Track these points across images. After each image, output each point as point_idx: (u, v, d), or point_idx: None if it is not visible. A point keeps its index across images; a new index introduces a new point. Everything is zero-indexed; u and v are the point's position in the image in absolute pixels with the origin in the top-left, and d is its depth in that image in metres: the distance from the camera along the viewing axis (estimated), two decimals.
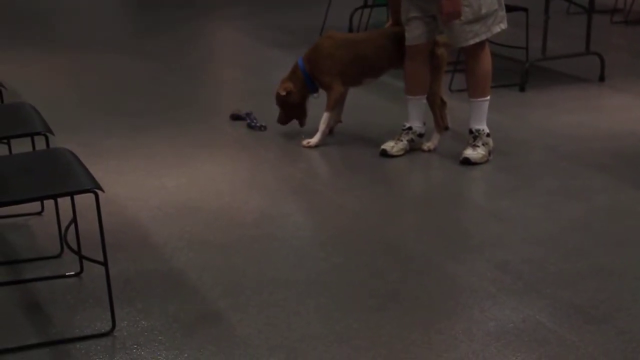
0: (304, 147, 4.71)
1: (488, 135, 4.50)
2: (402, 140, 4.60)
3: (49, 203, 3.56)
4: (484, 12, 4.30)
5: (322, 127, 4.71)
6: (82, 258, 3.24)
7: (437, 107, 4.65)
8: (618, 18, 7.98)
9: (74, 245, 3.22)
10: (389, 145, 4.58)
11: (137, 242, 3.60)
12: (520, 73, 5.81)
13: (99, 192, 2.75)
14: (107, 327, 2.91)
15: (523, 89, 5.77)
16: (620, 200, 4.02)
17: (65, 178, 2.88)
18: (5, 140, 3.65)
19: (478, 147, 4.46)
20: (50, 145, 3.31)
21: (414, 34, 4.46)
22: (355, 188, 4.20)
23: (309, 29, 7.22)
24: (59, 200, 3.33)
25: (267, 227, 3.75)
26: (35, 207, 3.79)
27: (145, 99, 5.66)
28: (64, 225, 3.31)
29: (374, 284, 3.23)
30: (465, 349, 2.79)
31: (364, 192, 4.16)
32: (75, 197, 2.98)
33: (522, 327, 2.92)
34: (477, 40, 4.36)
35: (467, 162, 4.43)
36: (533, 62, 5.92)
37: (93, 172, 2.91)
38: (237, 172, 4.43)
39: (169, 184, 4.22)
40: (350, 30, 7.28)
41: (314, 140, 4.71)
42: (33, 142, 3.51)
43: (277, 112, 4.86)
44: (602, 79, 5.99)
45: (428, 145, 4.64)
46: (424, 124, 4.63)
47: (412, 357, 2.75)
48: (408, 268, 3.37)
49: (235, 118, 5.17)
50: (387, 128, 4.85)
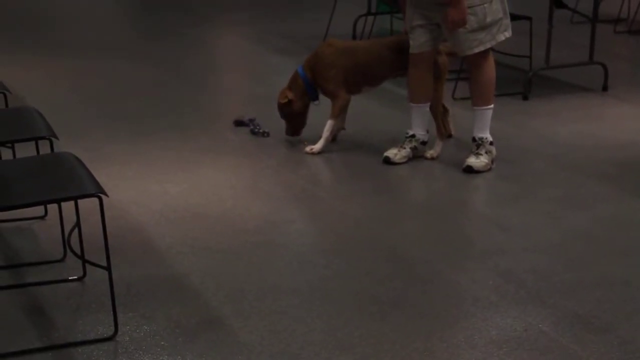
0: (307, 153, 4.71)
1: (491, 144, 4.50)
2: (405, 148, 4.60)
3: (53, 207, 3.57)
4: (489, 20, 4.31)
5: (325, 134, 4.71)
6: (85, 262, 3.25)
7: (439, 114, 4.65)
8: (621, 28, 7.99)
9: (77, 250, 3.22)
10: (392, 153, 4.58)
11: (139, 247, 3.60)
12: (524, 82, 5.81)
13: (103, 196, 2.75)
14: (109, 331, 2.91)
15: (526, 98, 5.78)
16: (623, 210, 4.03)
17: (69, 182, 2.88)
18: (10, 144, 3.66)
19: (481, 155, 4.46)
20: (55, 150, 3.31)
21: (418, 42, 4.46)
22: (358, 195, 4.20)
23: (313, 36, 7.23)
24: (63, 204, 3.34)
25: (269, 233, 3.76)
26: (39, 210, 3.79)
27: (149, 104, 5.66)
28: (67, 230, 3.32)
29: (377, 292, 3.23)
30: (468, 358, 2.79)
31: (367, 199, 4.16)
32: (79, 201, 2.99)
33: (524, 336, 2.92)
34: (481, 49, 4.36)
35: (470, 170, 4.43)
36: (536, 70, 5.93)
37: (97, 176, 2.92)
38: (239, 178, 4.44)
39: (172, 190, 4.22)
40: (354, 38, 7.30)
41: (317, 147, 4.71)
42: (37, 146, 3.51)
43: (279, 119, 4.86)
44: (605, 89, 5.99)
45: (431, 153, 4.65)
46: (427, 132, 4.64)
47: None
48: (410, 276, 3.37)
49: (239, 124, 5.17)
50: (390, 135, 4.86)
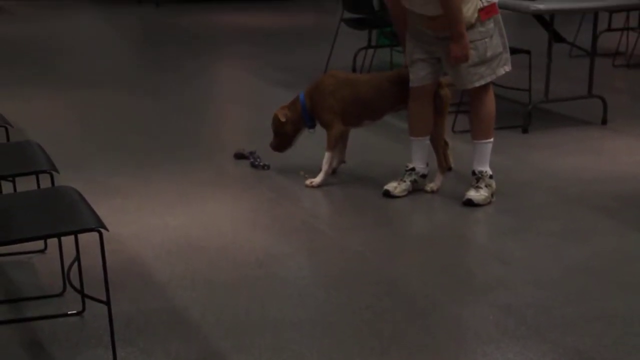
0: (307, 186, 4.71)
1: (491, 177, 4.51)
2: (405, 181, 4.61)
3: (53, 241, 3.56)
4: (490, 54, 4.34)
5: (324, 167, 4.72)
6: (84, 297, 3.24)
7: (440, 148, 4.66)
8: (620, 61, 8.02)
9: (77, 284, 3.21)
10: (392, 186, 4.59)
11: (139, 280, 3.59)
12: (523, 115, 5.83)
13: (103, 230, 2.75)
14: None
15: (526, 131, 5.79)
16: (625, 244, 4.02)
17: (69, 216, 2.88)
18: (11, 178, 3.66)
19: (481, 188, 4.47)
20: (56, 183, 3.32)
21: (419, 76, 4.48)
22: (358, 228, 4.20)
23: (313, 69, 7.26)
24: (63, 238, 3.33)
25: (270, 266, 3.75)
26: (39, 244, 3.78)
27: (150, 137, 5.67)
28: (67, 263, 3.32)
29: (377, 326, 3.22)
30: None
31: (367, 232, 4.16)
32: (79, 235, 2.98)
33: None
34: (482, 83, 4.39)
35: (470, 203, 4.43)
36: (536, 104, 5.95)
37: (96, 210, 2.92)
38: (240, 211, 4.44)
39: (172, 223, 4.22)
40: (354, 70, 7.33)
41: (317, 180, 4.72)
42: (38, 180, 3.51)
43: (280, 152, 4.90)
44: (604, 122, 6.01)
45: (431, 187, 4.65)
46: (427, 165, 4.65)
47: None
48: (411, 310, 3.36)
49: (239, 157, 5.18)
50: (390, 168, 4.86)
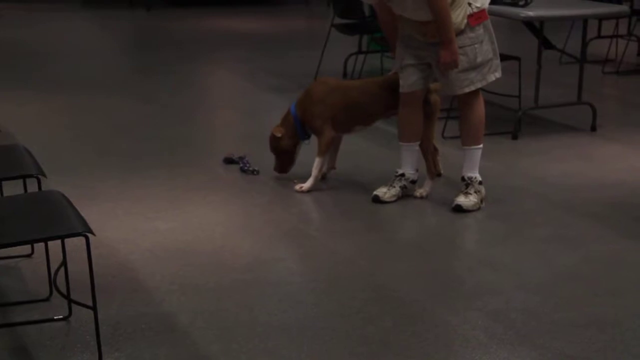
0: (297, 191, 4.71)
1: (480, 183, 4.51)
2: (394, 187, 4.60)
3: (39, 245, 3.54)
4: (480, 60, 4.34)
5: (314, 172, 4.71)
6: (70, 302, 3.22)
7: (429, 154, 4.65)
8: (609, 69, 8.04)
9: (64, 288, 3.19)
10: (382, 192, 4.58)
11: (127, 285, 3.57)
12: (513, 121, 5.84)
13: (91, 235, 2.73)
14: None
15: (516, 137, 5.80)
16: (613, 250, 4.02)
17: (56, 221, 2.87)
18: None
19: (470, 194, 4.46)
20: (44, 187, 3.30)
21: (409, 81, 4.48)
22: (348, 233, 4.19)
23: (304, 74, 7.26)
24: (50, 243, 3.31)
25: (259, 271, 3.74)
26: (26, 249, 3.76)
27: (140, 141, 5.66)
28: (54, 268, 3.30)
29: (366, 331, 3.21)
30: None
31: (357, 237, 4.15)
32: (66, 239, 2.96)
33: None
34: (472, 89, 4.39)
35: (459, 209, 4.43)
36: (526, 110, 5.95)
37: (86, 214, 2.91)
38: (229, 215, 4.42)
39: (162, 227, 4.20)
40: (345, 76, 7.33)
41: (307, 185, 4.71)
42: (25, 184, 3.49)
43: (270, 156, 4.86)
44: (594, 129, 6.02)
45: (420, 192, 4.64)
46: (417, 171, 4.64)
47: None
48: (400, 315, 3.35)
49: (229, 162, 5.17)
50: (379, 174, 4.86)
